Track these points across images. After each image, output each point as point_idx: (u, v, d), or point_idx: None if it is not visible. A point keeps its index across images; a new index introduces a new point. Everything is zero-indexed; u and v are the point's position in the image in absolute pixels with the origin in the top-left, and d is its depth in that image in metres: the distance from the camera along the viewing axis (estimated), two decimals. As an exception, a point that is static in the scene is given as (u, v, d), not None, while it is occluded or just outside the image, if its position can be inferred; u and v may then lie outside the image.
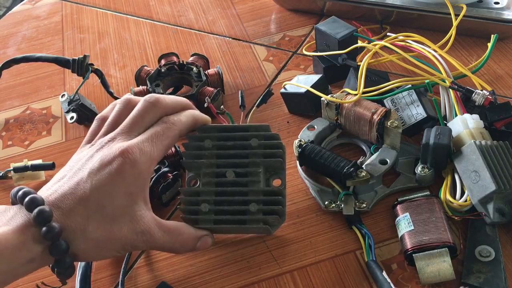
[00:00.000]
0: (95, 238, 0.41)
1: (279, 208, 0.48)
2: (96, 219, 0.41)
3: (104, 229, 0.41)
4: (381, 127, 0.54)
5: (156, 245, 0.45)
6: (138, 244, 0.43)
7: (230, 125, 0.54)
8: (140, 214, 0.43)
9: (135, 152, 0.43)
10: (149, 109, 0.46)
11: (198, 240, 0.47)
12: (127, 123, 0.46)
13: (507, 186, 0.47)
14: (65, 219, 0.40)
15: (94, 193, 0.41)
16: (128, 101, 0.48)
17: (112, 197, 0.42)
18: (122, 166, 0.42)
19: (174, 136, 0.46)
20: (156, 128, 0.46)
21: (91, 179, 0.42)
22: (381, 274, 0.46)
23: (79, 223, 0.40)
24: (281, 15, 0.78)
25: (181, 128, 0.47)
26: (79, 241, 0.41)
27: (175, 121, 0.47)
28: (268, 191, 0.49)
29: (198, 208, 0.48)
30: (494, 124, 0.53)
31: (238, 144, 0.50)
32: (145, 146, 0.44)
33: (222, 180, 0.49)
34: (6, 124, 0.68)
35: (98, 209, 0.41)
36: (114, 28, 0.80)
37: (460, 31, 0.67)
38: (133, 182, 0.42)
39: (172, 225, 0.46)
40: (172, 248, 0.46)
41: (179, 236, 0.46)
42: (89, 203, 0.41)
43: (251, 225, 0.48)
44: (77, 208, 0.41)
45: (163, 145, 0.45)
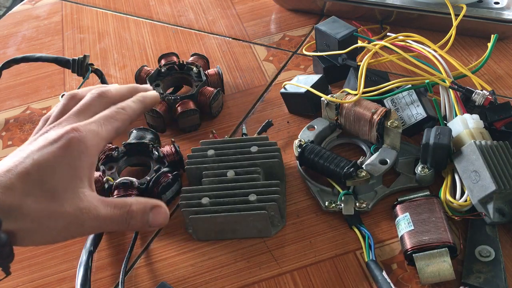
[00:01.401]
0: (32, 215, 0.38)
1: (277, 197, 0.50)
2: (34, 194, 0.38)
3: (42, 204, 0.38)
4: (381, 127, 0.54)
5: (103, 222, 0.41)
6: (84, 223, 0.40)
7: (232, 138, 0.57)
8: (83, 191, 0.41)
9: (82, 130, 0.41)
10: (95, 99, 0.46)
11: (149, 209, 0.43)
12: (72, 111, 0.45)
13: (507, 186, 0.47)
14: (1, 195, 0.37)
15: (34, 167, 0.39)
16: (74, 94, 0.47)
17: (54, 171, 0.39)
18: (68, 142, 0.40)
19: (124, 119, 0.45)
20: (105, 112, 0.45)
21: (32, 155, 0.39)
22: (381, 274, 0.46)
23: (15, 199, 0.38)
24: (281, 15, 0.78)
25: (130, 113, 0.46)
26: (16, 219, 0.37)
27: (125, 106, 0.46)
28: (266, 184, 0.51)
29: (199, 202, 0.50)
30: (494, 124, 0.53)
31: (238, 151, 0.54)
32: (92, 126, 0.43)
33: (222, 179, 0.52)
34: (6, 124, 0.68)
35: (38, 184, 0.39)
36: (114, 28, 0.80)
37: (460, 31, 0.67)
38: (78, 157, 0.41)
39: (120, 199, 0.44)
40: (122, 222, 0.42)
41: (127, 208, 0.42)
42: (28, 178, 0.38)
43: (250, 211, 0.49)
44: (14, 184, 0.38)
45: (113, 127, 0.44)
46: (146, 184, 0.54)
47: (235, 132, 0.63)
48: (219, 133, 0.62)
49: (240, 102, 0.66)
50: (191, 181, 0.55)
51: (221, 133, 0.62)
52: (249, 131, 0.61)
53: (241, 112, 0.64)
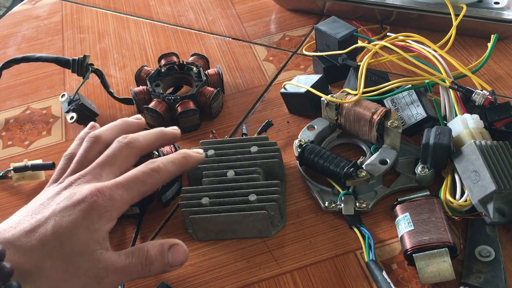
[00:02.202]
0: (50, 278, 0.38)
1: (277, 197, 0.50)
2: (53, 257, 0.38)
3: (61, 267, 0.38)
4: (381, 127, 0.54)
5: (122, 275, 0.41)
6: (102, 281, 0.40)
7: (232, 138, 0.57)
8: (100, 252, 0.40)
9: (107, 194, 0.40)
10: (123, 149, 0.44)
11: (167, 250, 0.43)
12: (98, 162, 0.43)
13: (507, 186, 0.47)
14: (19, 258, 0.37)
15: (54, 232, 0.39)
16: (96, 138, 0.45)
17: (72, 235, 0.39)
18: (90, 206, 0.39)
19: (154, 184, 0.43)
20: (136, 172, 0.43)
21: (54, 218, 0.39)
22: (381, 274, 0.46)
23: (35, 262, 0.38)
24: (281, 15, 0.78)
25: (164, 178, 0.44)
26: (34, 281, 0.38)
27: (160, 167, 0.44)
28: (266, 184, 0.51)
29: (199, 202, 0.50)
30: (494, 124, 0.53)
31: (238, 151, 0.54)
32: (119, 190, 0.41)
33: (222, 179, 0.52)
34: (6, 124, 0.68)
35: (56, 247, 0.38)
36: (114, 28, 0.80)
37: (460, 31, 0.67)
38: (97, 220, 0.40)
39: (135, 247, 0.43)
40: (142, 270, 0.42)
41: (144, 254, 0.42)
42: (48, 242, 0.38)
43: (250, 211, 0.49)
44: (34, 246, 0.38)
45: (140, 192, 0.43)
46: (146, 184, 0.54)
47: (235, 132, 0.63)
48: (219, 133, 0.62)
49: (240, 102, 0.66)
50: (191, 181, 0.55)
51: (221, 133, 0.62)
52: (249, 131, 0.61)
53: (241, 112, 0.64)
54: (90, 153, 0.45)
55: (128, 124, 0.48)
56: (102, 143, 0.45)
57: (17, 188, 0.59)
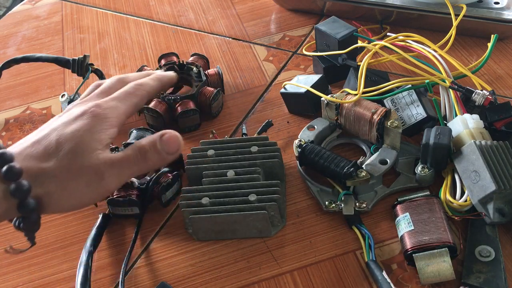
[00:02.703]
0: (56, 177, 0.41)
1: (277, 197, 0.50)
2: (58, 159, 0.41)
3: (65, 167, 0.41)
4: (381, 127, 0.54)
5: (122, 166, 0.43)
6: (104, 175, 0.42)
7: (232, 138, 0.57)
8: (100, 151, 0.43)
9: (103, 105, 0.45)
10: (115, 83, 0.49)
11: (159, 138, 0.45)
12: (95, 93, 0.48)
13: (507, 186, 0.47)
14: (25, 163, 0.40)
15: (58, 138, 0.42)
16: (99, 83, 0.50)
17: (74, 137, 0.42)
18: (90, 115, 0.44)
19: (142, 95, 0.48)
20: (124, 88, 0.48)
21: (57, 129, 0.43)
22: (381, 274, 0.46)
23: (40, 165, 0.41)
24: (281, 15, 0.78)
25: (148, 89, 0.49)
26: (42, 183, 0.40)
27: (142, 82, 0.49)
28: (266, 184, 0.51)
29: (199, 202, 0.50)
30: (494, 124, 0.53)
31: (239, 151, 0.54)
32: (113, 102, 0.46)
33: (222, 179, 0.52)
34: (6, 124, 0.68)
35: (60, 150, 0.42)
36: (114, 28, 0.80)
37: (460, 31, 0.67)
38: (99, 124, 0.44)
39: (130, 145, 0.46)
40: (139, 160, 0.44)
41: (138, 145, 0.45)
42: (51, 147, 0.42)
43: (250, 211, 0.49)
44: (39, 153, 0.41)
45: (132, 102, 0.47)
46: (146, 184, 0.54)
47: (235, 132, 0.63)
48: (219, 133, 0.62)
49: (240, 102, 0.66)
50: (191, 181, 0.55)
51: (221, 133, 0.62)
52: (249, 131, 0.61)
53: (241, 112, 0.64)
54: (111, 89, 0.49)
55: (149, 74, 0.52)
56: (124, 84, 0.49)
57: (17, 188, 0.59)
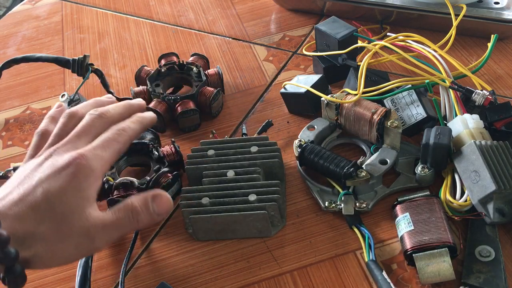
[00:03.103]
0: (44, 240, 0.40)
1: (277, 197, 0.50)
2: (45, 221, 0.40)
3: (54, 229, 0.40)
4: (381, 127, 0.54)
5: (112, 230, 0.43)
6: (94, 239, 0.42)
7: (232, 138, 0.57)
8: (90, 211, 0.42)
9: (88, 157, 0.42)
10: (95, 120, 0.47)
11: (151, 200, 0.44)
12: (74, 133, 0.46)
13: (507, 186, 0.47)
14: (13, 226, 0.39)
15: (44, 197, 0.40)
16: (73, 113, 0.48)
17: (61, 196, 0.41)
18: (75, 169, 0.41)
19: (125, 141, 0.47)
20: (107, 134, 0.46)
21: (42, 185, 0.41)
22: (381, 274, 0.46)
23: (28, 228, 0.39)
24: (281, 15, 0.78)
25: (130, 134, 0.47)
26: (30, 246, 0.39)
27: (125, 127, 0.47)
28: (266, 184, 0.51)
29: (199, 202, 0.50)
30: (494, 124, 0.53)
31: (238, 151, 0.54)
32: (97, 150, 0.44)
33: (222, 179, 0.52)
34: (6, 124, 0.68)
35: (48, 211, 0.40)
36: (114, 28, 0.80)
37: (460, 31, 0.67)
38: (84, 180, 0.42)
39: (119, 204, 0.44)
40: (130, 222, 0.43)
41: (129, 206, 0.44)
42: (39, 208, 0.40)
43: (250, 211, 0.49)
44: (26, 213, 0.39)
45: (115, 150, 0.45)
46: (146, 184, 0.54)
47: (235, 132, 0.63)
48: (219, 133, 0.62)
49: (240, 102, 0.66)
50: (191, 181, 0.55)
51: (221, 133, 0.62)
52: (249, 131, 0.61)
53: (241, 112, 0.64)
54: (67, 127, 0.47)
55: (100, 102, 0.51)
56: (78, 118, 0.47)
57: (17, 188, 0.59)
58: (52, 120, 0.49)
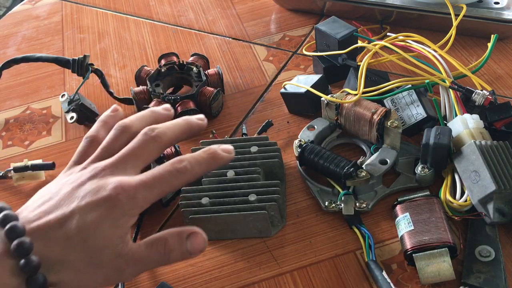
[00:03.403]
0: (74, 269, 0.39)
1: (277, 197, 0.50)
2: (77, 251, 0.39)
3: (85, 260, 0.39)
4: (381, 127, 0.54)
5: (143, 265, 0.42)
6: (124, 271, 0.41)
7: (232, 138, 0.57)
8: (122, 246, 0.40)
9: (131, 192, 0.40)
10: (149, 143, 0.43)
11: (186, 238, 0.42)
12: (124, 153, 0.43)
13: (507, 186, 0.47)
14: (45, 250, 0.38)
15: (79, 227, 0.39)
16: (125, 128, 0.45)
17: (96, 230, 0.39)
18: (114, 203, 0.39)
19: (178, 186, 0.43)
20: (161, 171, 0.42)
21: (79, 212, 0.39)
22: (381, 274, 0.46)
23: (59, 255, 0.39)
24: (281, 15, 0.78)
25: (189, 178, 0.42)
26: (58, 272, 0.39)
27: (186, 169, 0.42)
28: (266, 184, 0.51)
29: (199, 202, 0.50)
30: (494, 124, 0.53)
31: (238, 151, 0.53)
32: (142, 192, 0.40)
33: (222, 179, 0.52)
34: (6, 124, 0.68)
35: (81, 241, 0.39)
36: (114, 28, 0.80)
37: (460, 31, 0.67)
38: (121, 217, 0.40)
39: (154, 237, 0.42)
40: (162, 259, 0.42)
41: (163, 243, 0.42)
42: (72, 236, 0.39)
43: (250, 211, 0.49)
44: (59, 240, 0.39)
45: (163, 192, 0.42)
46: (146, 184, 0.54)
47: (235, 132, 0.63)
48: (219, 133, 0.62)
49: (240, 102, 0.66)
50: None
51: (221, 133, 0.62)
52: (249, 131, 0.61)
53: (241, 112, 0.64)
54: (117, 142, 0.44)
55: (157, 115, 0.47)
56: (131, 134, 0.44)
57: (17, 188, 0.59)
58: (104, 125, 0.46)
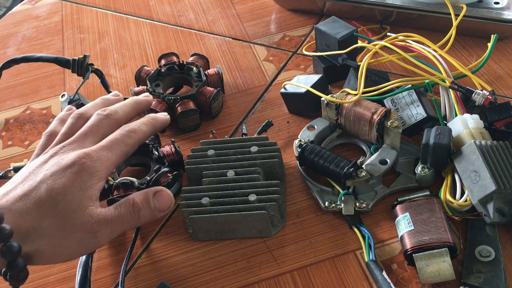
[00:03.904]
0: (48, 235, 0.40)
1: (277, 197, 0.50)
2: (49, 216, 0.40)
3: (57, 225, 0.40)
4: (381, 127, 0.54)
5: (114, 224, 0.43)
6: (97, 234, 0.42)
7: (232, 138, 0.57)
8: (92, 208, 0.42)
9: (94, 157, 0.43)
10: (103, 120, 0.47)
11: (152, 196, 0.45)
12: (81, 132, 0.46)
13: (507, 186, 0.47)
14: (16, 220, 0.39)
15: (48, 193, 0.41)
16: (81, 114, 0.48)
17: (65, 193, 0.41)
18: (80, 168, 0.42)
19: (133, 144, 0.47)
20: (115, 135, 0.46)
21: (46, 181, 0.41)
22: (381, 274, 0.46)
23: (32, 223, 0.40)
24: (281, 15, 0.78)
25: (140, 137, 0.47)
26: (33, 241, 0.40)
27: (135, 129, 0.47)
28: (266, 184, 0.51)
29: (199, 202, 0.50)
30: (494, 124, 0.53)
31: (238, 151, 0.54)
32: (103, 151, 0.44)
33: (222, 179, 0.52)
34: (6, 124, 0.68)
35: (51, 207, 0.40)
36: (114, 28, 0.80)
37: (460, 31, 0.67)
38: (88, 179, 0.42)
39: (121, 200, 0.45)
40: (132, 217, 0.44)
41: (130, 202, 0.44)
42: (42, 204, 0.40)
43: (250, 211, 0.49)
44: (30, 209, 0.40)
45: (122, 152, 0.46)
46: (146, 184, 0.54)
47: (235, 132, 0.63)
48: (219, 133, 0.62)
49: (240, 102, 0.66)
50: (191, 181, 0.55)
51: (221, 133, 0.62)
52: (249, 131, 0.61)
53: (241, 112, 0.64)
54: (75, 128, 0.47)
55: (107, 101, 0.51)
56: (86, 119, 0.48)
57: (17, 188, 0.59)
58: (61, 122, 0.49)
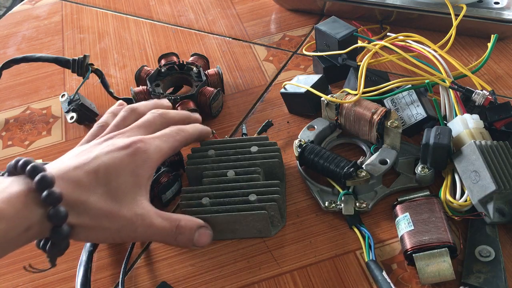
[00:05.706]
0: (93, 212, 0.40)
1: (277, 197, 0.50)
2: (98, 193, 0.40)
3: (104, 203, 0.41)
4: (381, 127, 0.54)
5: (154, 232, 0.44)
6: (137, 229, 0.42)
7: (232, 138, 0.57)
8: (141, 199, 0.43)
9: (148, 143, 0.44)
10: (156, 118, 0.49)
11: (196, 229, 0.46)
12: (136, 124, 0.47)
13: (507, 186, 0.47)
14: (67, 188, 0.39)
15: (102, 168, 0.41)
16: (134, 108, 0.50)
17: (119, 175, 0.42)
18: (135, 150, 0.43)
19: (181, 140, 0.48)
20: (167, 130, 0.48)
21: (101, 157, 0.42)
22: (381, 274, 0.46)
23: (81, 195, 0.40)
24: (281, 15, 0.78)
25: (187, 137, 0.50)
26: (79, 214, 0.40)
27: (184, 129, 0.50)
28: (266, 184, 0.51)
29: (199, 202, 0.50)
30: (494, 124, 0.53)
31: (238, 151, 0.54)
32: (157, 141, 0.46)
33: (222, 179, 0.52)
34: (6, 124, 0.68)
35: (103, 183, 0.41)
36: (114, 28, 0.80)
37: (460, 31, 0.67)
38: (141, 166, 0.43)
39: (171, 214, 0.46)
40: (171, 236, 0.45)
41: (177, 223, 0.45)
42: (95, 177, 0.41)
43: (250, 211, 0.49)
44: (82, 180, 0.40)
45: (173, 145, 0.47)
46: (146, 184, 0.54)
47: (235, 132, 0.63)
48: (219, 133, 0.62)
49: (240, 102, 0.66)
50: (191, 181, 0.55)
51: (221, 133, 0.62)
52: (249, 131, 0.61)
53: (241, 112, 0.64)
54: (127, 120, 0.49)
55: (160, 104, 0.53)
56: (138, 114, 0.50)
57: (17, 188, 0.59)
58: (113, 115, 0.50)
